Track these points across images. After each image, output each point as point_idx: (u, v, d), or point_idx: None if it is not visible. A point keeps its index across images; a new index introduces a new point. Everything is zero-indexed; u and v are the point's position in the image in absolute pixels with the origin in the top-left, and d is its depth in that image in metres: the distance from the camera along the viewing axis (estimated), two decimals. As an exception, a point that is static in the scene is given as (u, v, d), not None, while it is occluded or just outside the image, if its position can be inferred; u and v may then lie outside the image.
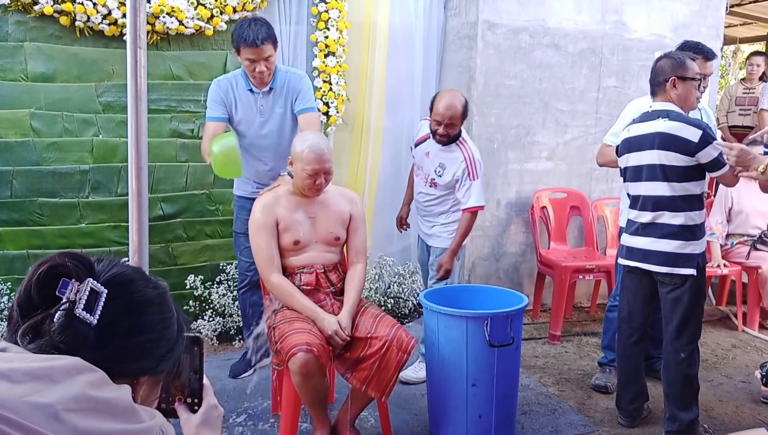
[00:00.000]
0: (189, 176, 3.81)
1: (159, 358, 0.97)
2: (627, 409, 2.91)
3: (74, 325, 0.85)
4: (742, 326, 4.31)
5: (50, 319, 0.86)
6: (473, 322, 2.53)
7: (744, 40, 8.68)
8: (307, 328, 2.43)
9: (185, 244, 3.85)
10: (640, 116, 2.72)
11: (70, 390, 0.78)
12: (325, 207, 2.66)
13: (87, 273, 0.89)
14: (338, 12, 3.88)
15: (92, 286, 0.87)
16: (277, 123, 3.11)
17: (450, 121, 3.03)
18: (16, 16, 3.34)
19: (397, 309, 4.08)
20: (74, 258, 0.90)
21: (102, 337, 0.87)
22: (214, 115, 3.05)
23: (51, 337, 0.85)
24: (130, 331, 0.92)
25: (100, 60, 3.53)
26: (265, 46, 2.86)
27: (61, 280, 0.88)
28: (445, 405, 2.65)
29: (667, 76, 2.66)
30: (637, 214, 2.74)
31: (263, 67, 2.91)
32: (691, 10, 4.65)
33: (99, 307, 0.87)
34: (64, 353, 0.84)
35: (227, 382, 3.24)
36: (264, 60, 2.89)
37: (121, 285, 0.92)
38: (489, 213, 4.30)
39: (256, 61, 2.89)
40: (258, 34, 2.82)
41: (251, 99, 3.07)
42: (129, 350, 0.92)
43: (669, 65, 2.68)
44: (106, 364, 0.86)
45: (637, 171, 2.70)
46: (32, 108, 3.43)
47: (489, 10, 4.09)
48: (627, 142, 2.73)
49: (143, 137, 1.45)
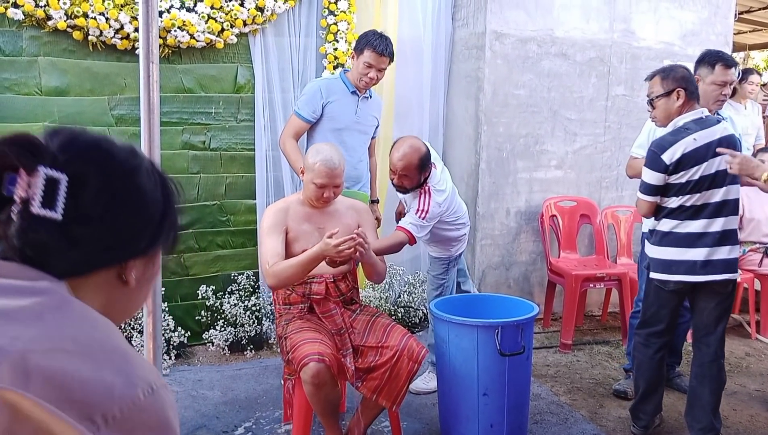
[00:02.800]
0: (200, 187, 3.84)
1: (148, 236, 0.81)
2: (645, 419, 2.88)
3: (35, 226, 0.70)
4: (755, 334, 4.27)
5: (5, 224, 0.71)
6: (484, 331, 2.53)
7: (754, 47, 8.66)
8: (319, 337, 2.44)
9: (197, 255, 3.88)
10: (697, 123, 2.65)
11: (33, 328, 0.66)
12: (333, 218, 2.67)
13: (36, 159, 0.71)
14: (347, 24, 3.92)
15: (46, 175, 0.70)
16: (367, 127, 3.45)
17: (403, 173, 2.91)
18: (30, 31, 3.40)
19: (408, 318, 4.08)
20: (15, 143, 0.71)
21: (73, 231, 0.72)
22: (303, 114, 3.27)
23: (11, 244, 0.71)
24: (106, 216, 0.75)
25: (112, 74, 3.58)
26: (386, 58, 3.21)
27: (5, 174, 0.70)
28: (457, 414, 2.65)
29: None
30: (706, 224, 2.62)
31: (375, 75, 3.21)
32: (700, 18, 4.65)
33: (60, 198, 0.70)
34: (31, 259, 0.71)
35: (239, 392, 3.25)
36: (378, 70, 3.21)
37: (83, 162, 0.75)
38: (499, 222, 4.30)
39: (373, 67, 3.18)
40: (387, 46, 3.18)
41: (351, 100, 3.33)
42: (110, 236, 0.76)
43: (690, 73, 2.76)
44: (82, 259, 0.74)
45: (713, 178, 2.62)
46: (46, 121, 3.48)
47: (497, 21, 4.11)
48: (697, 151, 2.59)
49: (156, 149, 1.47)
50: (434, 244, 3.18)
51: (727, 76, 2.93)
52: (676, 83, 2.66)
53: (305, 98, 3.31)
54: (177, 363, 3.59)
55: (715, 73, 2.93)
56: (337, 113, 3.30)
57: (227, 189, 3.91)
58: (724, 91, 2.94)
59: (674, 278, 2.68)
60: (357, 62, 3.23)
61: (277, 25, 3.87)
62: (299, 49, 3.96)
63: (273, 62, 3.89)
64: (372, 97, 3.47)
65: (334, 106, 3.29)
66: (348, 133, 3.33)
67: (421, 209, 2.94)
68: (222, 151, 3.87)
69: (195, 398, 3.18)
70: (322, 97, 3.27)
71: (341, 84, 3.34)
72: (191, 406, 3.09)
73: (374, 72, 3.20)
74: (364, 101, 3.39)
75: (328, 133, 3.25)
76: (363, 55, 3.19)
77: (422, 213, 2.94)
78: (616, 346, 4.03)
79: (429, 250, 3.24)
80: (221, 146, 3.87)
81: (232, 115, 3.88)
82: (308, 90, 3.35)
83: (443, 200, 3.00)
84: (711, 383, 2.71)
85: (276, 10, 3.77)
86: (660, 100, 2.70)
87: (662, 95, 2.69)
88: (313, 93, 3.29)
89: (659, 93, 2.70)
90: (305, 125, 3.31)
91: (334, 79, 3.42)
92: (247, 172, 3.94)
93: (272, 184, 3.97)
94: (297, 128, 3.31)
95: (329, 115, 3.30)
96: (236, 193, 3.94)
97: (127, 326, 3.50)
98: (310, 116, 3.28)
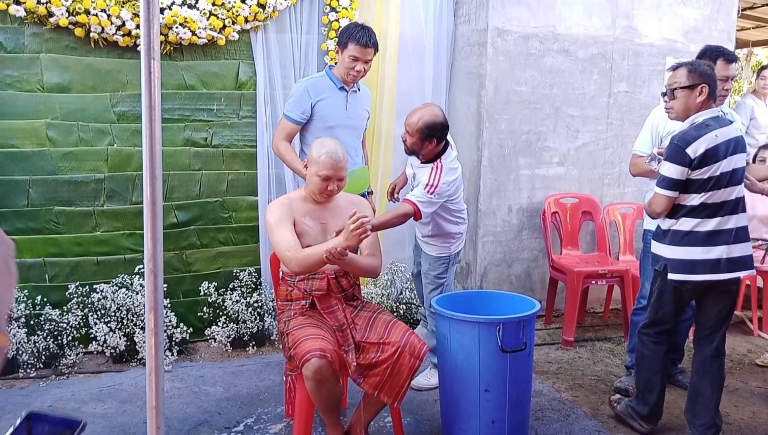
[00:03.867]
0: (202, 184, 3.85)
1: None
2: (649, 416, 2.89)
3: None
4: (757, 331, 4.27)
5: None
6: (485, 328, 2.53)
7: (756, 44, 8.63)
8: (321, 333, 2.44)
9: (199, 251, 3.88)
10: (716, 121, 2.65)
11: None
12: (335, 214, 2.68)
13: None
14: (349, 21, 3.91)
15: None
16: (359, 122, 3.43)
17: (407, 128, 2.99)
18: (32, 28, 3.40)
19: (409, 315, 4.08)
20: None
21: None
22: (292, 116, 3.25)
23: None
24: None
25: (114, 70, 3.58)
26: (371, 50, 3.17)
27: None
28: (458, 411, 2.66)
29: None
30: (725, 221, 2.61)
31: (361, 68, 3.19)
32: (703, 14, 4.64)
33: None
34: None
35: (241, 388, 3.26)
36: (365, 62, 3.18)
37: None
38: (501, 219, 4.30)
39: (359, 60, 3.15)
40: (370, 38, 3.14)
41: (340, 96, 3.30)
42: None
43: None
44: None
45: (731, 175, 2.62)
46: (48, 118, 3.49)
47: (499, 17, 4.10)
48: (718, 148, 2.59)
49: (157, 146, 1.46)
50: (435, 238, 3.18)
51: (728, 71, 2.92)
52: (702, 79, 2.64)
53: (293, 100, 3.26)
54: (179, 359, 3.60)
55: (717, 68, 2.92)
56: (327, 111, 3.27)
57: (229, 186, 3.92)
58: (725, 87, 2.93)
59: (699, 278, 2.64)
60: (342, 57, 3.20)
61: (278, 22, 3.87)
62: (301, 45, 3.96)
63: (274, 59, 3.89)
64: (360, 90, 3.43)
65: (324, 105, 3.26)
66: (340, 129, 3.29)
67: (430, 184, 2.94)
68: (224, 147, 3.88)
69: (197, 394, 3.19)
70: (310, 97, 3.24)
71: (328, 81, 3.30)
72: (193, 402, 3.10)
73: (360, 64, 3.17)
74: (353, 95, 3.35)
75: (320, 132, 3.21)
76: (347, 48, 3.15)
77: (431, 187, 2.93)
78: (617, 343, 4.03)
79: (428, 249, 3.23)
80: (223, 143, 3.87)
81: (234, 112, 3.88)
82: (296, 91, 3.30)
83: (453, 180, 3.01)
84: (712, 380, 2.71)
85: (277, 7, 3.76)
86: (683, 92, 2.66)
87: (686, 87, 2.65)
88: (301, 93, 3.25)
89: (683, 84, 2.66)
90: (296, 127, 3.28)
91: (320, 77, 3.36)
92: (249, 169, 3.94)
93: (274, 181, 3.97)
94: (288, 130, 3.28)
95: (319, 114, 3.27)
96: (238, 190, 3.94)
97: (129, 322, 3.51)
98: (299, 117, 3.25)
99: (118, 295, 3.53)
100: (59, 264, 3.60)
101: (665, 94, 2.75)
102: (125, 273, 3.68)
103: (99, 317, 3.51)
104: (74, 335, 3.48)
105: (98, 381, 3.32)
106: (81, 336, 3.52)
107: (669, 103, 2.74)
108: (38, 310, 3.49)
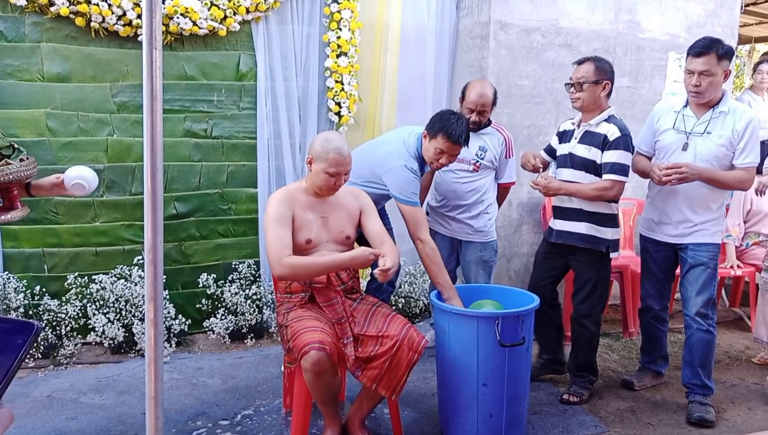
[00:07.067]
0: (202, 176, 3.84)
1: None
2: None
3: None
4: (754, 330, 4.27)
5: None
6: (484, 322, 2.54)
7: (759, 40, 8.59)
8: (319, 326, 2.44)
9: (198, 243, 3.88)
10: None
11: None
12: (336, 206, 2.68)
13: None
14: (350, 12, 3.90)
15: None
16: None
17: (482, 108, 3.25)
18: (32, 17, 3.39)
19: (408, 308, 4.09)
20: None
21: None
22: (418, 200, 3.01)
23: None
24: None
25: (114, 60, 3.57)
26: (460, 146, 2.93)
27: None
28: (456, 404, 2.66)
29: None
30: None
31: (446, 161, 2.96)
32: (705, 10, 4.62)
33: None
34: None
35: (239, 380, 3.27)
36: (451, 155, 2.94)
37: None
38: (501, 213, 4.28)
39: (445, 154, 2.92)
40: (462, 133, 2.88)
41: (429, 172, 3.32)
42: None
43: None
44: None
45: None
46: (48, 108, 3.48)
47: (501, 10, 4.08)
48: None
49: (158, 137, 1.46)
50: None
51: (691, 64, 2.89)
52: (607, 76, 2.97)
53: (413, 188, 2.98)
54: (177, 350, 3.60)
55: (686, 61, 2.93)
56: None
57: (229, 177, 3.91)
58: (692, 81, 2.91)
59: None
60: (429, 144, 2.94)
61: (280, 13, 3.85)
62: (302, 37, 3.94)
63: (276, 50, 3.87)
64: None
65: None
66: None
67: (508, 151, 3.43)
68: (224, 139, 3.87)
69: (195, 386, 3.19)
70: (418, 178, 3.04)
71: (421, 164, 3.07)
72: (191, 394, 3.10)
73: (446, 158, 2.95)
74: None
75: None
76: (436, 139, 2.90)
77: (509, 150, 3.45)
78: (616, 338, 4.04)
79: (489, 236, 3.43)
80: (223, 134, 3.86)
81: (235, 104, 3.86)
82: (407, 177, 2.97)
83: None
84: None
85: (279, -2, 3.75)
86: (590, 87, 2.95)
87: (593, 82, 2.94)
88: (412, 180, 2.99)
89: (591, 79, 2.94)
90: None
91: (414, 159, 3.04)
92: (249, 161, 3.93)
93: (274, 173, 3.96)
94: (424, 213, 3.12)
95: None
96: (238, 182, 3.94)
97: (128, 313, 3.51)
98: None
99: (117, 286, 3.53)
100: (58, 254, 3.60)
101: (572, 86, 3.00)
102: (124, 264, 3.68)
103: (97, 308, 3.51)
104: (73, 326, 3.48)
105: (96, 372, 3.32)
106: (79, 327, 3.52)
107: (576, 94, 3.00)
108: (37, 300, 3.49)
